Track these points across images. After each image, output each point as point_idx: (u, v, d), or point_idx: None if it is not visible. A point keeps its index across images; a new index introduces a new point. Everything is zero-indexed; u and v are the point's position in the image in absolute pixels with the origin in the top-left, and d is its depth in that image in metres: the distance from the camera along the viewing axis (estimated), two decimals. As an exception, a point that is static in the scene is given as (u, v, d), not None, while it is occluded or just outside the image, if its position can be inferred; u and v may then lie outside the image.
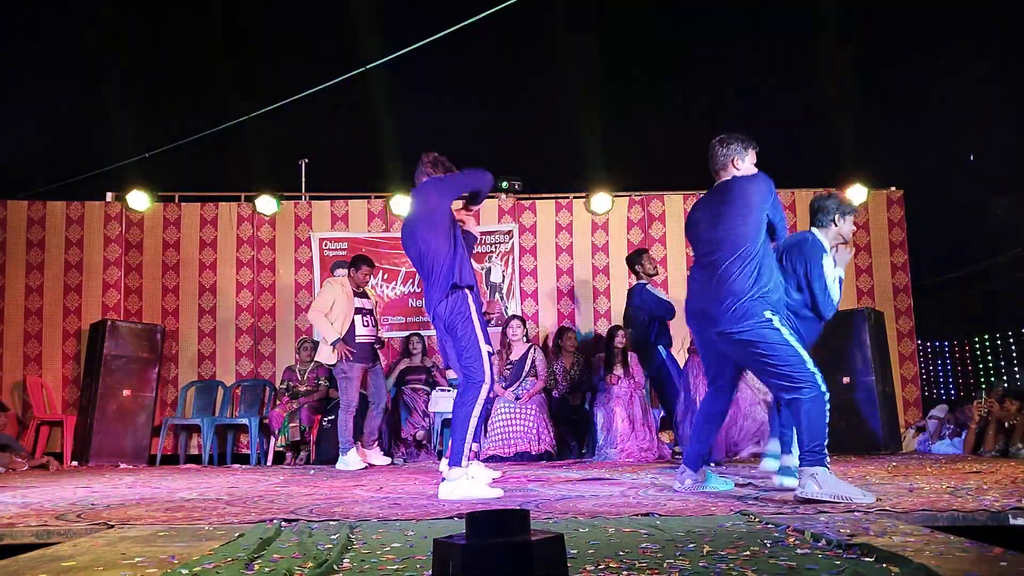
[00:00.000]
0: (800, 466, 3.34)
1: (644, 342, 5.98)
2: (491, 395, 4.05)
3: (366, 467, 6.02)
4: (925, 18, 7.14)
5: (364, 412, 6.38)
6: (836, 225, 4.12)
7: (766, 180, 3.55)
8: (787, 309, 3.81)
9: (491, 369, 3.80)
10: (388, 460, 6.39)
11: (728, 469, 5.14)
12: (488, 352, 3.79)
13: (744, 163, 3.66)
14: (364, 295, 6.32)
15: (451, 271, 3.84)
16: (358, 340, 6.10)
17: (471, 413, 3.76)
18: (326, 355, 6.08)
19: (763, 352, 3.39)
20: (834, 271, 4.05)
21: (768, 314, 3.39)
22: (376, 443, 6.41)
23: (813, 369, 3.37)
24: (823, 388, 3.35)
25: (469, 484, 3.68)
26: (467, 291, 3.85)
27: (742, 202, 3.50)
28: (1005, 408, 6.11)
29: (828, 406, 3.35)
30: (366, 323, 6.20)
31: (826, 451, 3.33)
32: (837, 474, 3.42)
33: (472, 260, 4.17)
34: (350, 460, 5.97)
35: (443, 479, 3.77)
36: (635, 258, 6.22)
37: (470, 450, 3.79)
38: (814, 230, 4.11)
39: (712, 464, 5.26)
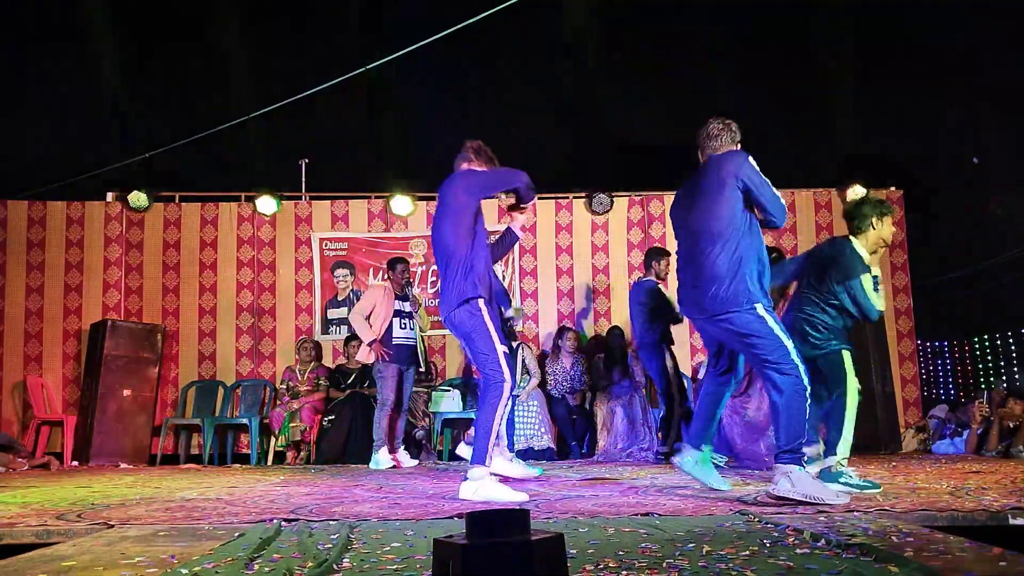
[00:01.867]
0: (776, 463, 3.32)
1: (649, 341, 5.96)
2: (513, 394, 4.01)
3: (393, 466, 6.02)
4: (924, 17, 7.14)
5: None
6: (875, 228, 3.96)
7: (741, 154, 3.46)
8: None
9: (510, 368, 3.74)
10: (415, 462, 6.39)
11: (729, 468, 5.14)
12: (504, 352, 3.73)
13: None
14: (405, 298, 6.36)
15: (464, 278, 3.74)
16: (395, 342, 6.18)
17: (495, 413, 3.67)
18: (364, 355, 6.24)
19: (745, 337, 3.39)
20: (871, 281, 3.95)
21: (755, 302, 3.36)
22: (402, 446, 6.41)
23: (797, 360, 3.34)
24: (805, 383, 3.32)
25: (492, 485, 3.58)
26: (478, 301, 3.74)
27: (717, 180, 3.42)
28: (1009, 408, 6.10)
29: (809, 402, 3.33)
30: (403, 326, 6.27)
31: (804, 451, 3.32)
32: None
33: (492, 260, 4.13)
34: (381, 459, 6.01)
35: (464, 478, 3.66)
36: (656, 255, 6.20)
37: (494, 449, 3.73)
38: (852, 239, 3.94)
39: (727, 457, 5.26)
